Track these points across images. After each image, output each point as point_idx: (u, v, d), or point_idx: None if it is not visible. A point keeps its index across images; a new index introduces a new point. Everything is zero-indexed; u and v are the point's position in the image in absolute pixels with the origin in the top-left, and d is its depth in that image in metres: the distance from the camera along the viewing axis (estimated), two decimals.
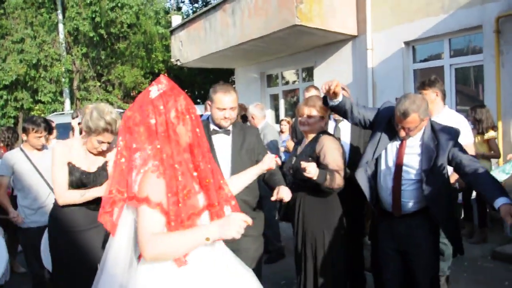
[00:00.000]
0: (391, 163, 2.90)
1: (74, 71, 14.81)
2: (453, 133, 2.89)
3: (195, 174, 1.77)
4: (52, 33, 14.32)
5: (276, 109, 10.65)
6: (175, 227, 1.66)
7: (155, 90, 1.75)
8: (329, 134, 3.17)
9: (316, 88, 4.65)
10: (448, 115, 3.75)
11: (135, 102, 1.78)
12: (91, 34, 13.91)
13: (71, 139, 3.15)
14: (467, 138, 3.73)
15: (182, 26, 10.46)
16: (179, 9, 17.27)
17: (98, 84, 15.06)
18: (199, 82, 16.63)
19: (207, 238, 1.66)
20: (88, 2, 13.53)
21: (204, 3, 17.06)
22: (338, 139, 3.29)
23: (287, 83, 10.52)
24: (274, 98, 10.69)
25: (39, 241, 3.22)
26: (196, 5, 17.82)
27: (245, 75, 11.14)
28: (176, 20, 11.23)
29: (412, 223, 2.85)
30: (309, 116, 3.11)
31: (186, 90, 17.03)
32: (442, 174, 2.83)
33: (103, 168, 2.93)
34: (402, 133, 2.79)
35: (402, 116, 2.72)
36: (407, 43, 7.00)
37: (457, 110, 6.52)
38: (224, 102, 2.88)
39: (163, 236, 1.64)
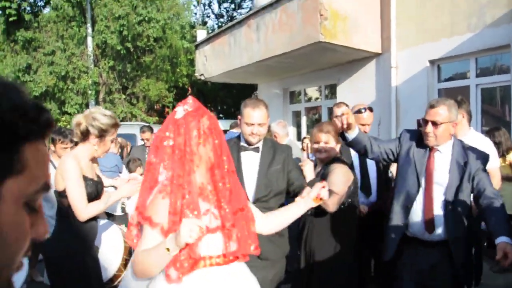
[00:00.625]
0: (422, 179, 2.83)
1: (101, 84, 15.13)
2: (483, 157, 2.83)
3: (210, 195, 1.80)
4: (81, 46, 14.71)
5: (298, 126, 10.63)
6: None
7: (181, 110, 1.80)
8: (343, 161, 3.15)
9: (346, 105, 4.62)
10: (474, 138, 3.66)
11: (164, 122, 1.84)
12: (119, 47, 14.23)
13: (74, 150, 3.01)
14: (493, 162, 3.64)
15: (207, 40, 10.60)
16: (204, 23, 17.53)
17: (123, 96, 15.34)
18: (221, 96, 16.79)
19: (167, 249, 1.66)
20: (117, 16, 13.87)
21: (229, 18, 17.28)
22: (351, 165, 3.30)
23: (309, 100, 10.51)
24: (297, 115, 10.68)
25: None
26: (221, 19, 18.08)
27: (267, 91, 11.17)
28: (201, 34, 11.39)
29: (437, 255, 2.78)
30: (326, 143, 3.10)
31: (209, 105, 17.25)
32: (467, 197, 2.78)
33: (98, 175, 2.94)
34: (428, 129, 2.72)
35: (430, 106, 2.70)
36: (432, 62, 6.92)
37: (483, 132, 6.39)
38: (252, 117, 2.78)
39: (142, 252, 1.72)
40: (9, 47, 15.04)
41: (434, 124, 2.71)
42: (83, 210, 2.66)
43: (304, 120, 10.37)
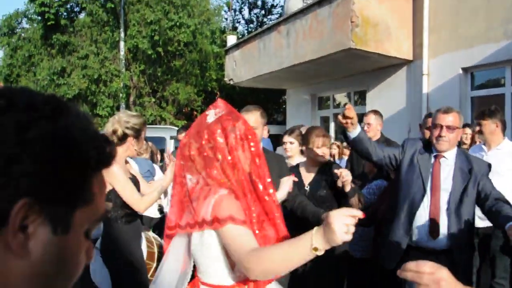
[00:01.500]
0: (427, 185, 2.83)
1: (131, 87, 15.43)
2: (487, 165, 2.87)
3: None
4: (113, 50, 15.06)
5: (327, 131, 10.57)
6: None
7: (212, 114, 1.69)
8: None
9: (376, 113, 4.62)
10: (509, 148, 3.60)
11: (192, 128, 1.72)
12: (149, 52, 14.49)
13: None
14: None
15: (236, 46, 10.69)
16: (235, 29, 17.67)
17: (153, 100, 15.59)
18: (250, 101, 16.84)
19: (314, 248, 1.35)
20: (149, 21, 14.14)
21: (259, 24, 17.37)
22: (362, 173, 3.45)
23: (338, 105, 10.46)
24: (325, 121, 10.64)
25: None
26: (251, 25, 18.19)
27: (296, 96, 11.18)
28: (231, 40, 11.50)
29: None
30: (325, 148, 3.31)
31: (237, 109, 17.24)
32: (471, 203, 2.79)
33: (132, 174, 3.06)
34: (443, 133, 2.75)
35: (444, 112, 2.76)
36: (465, 70, 6.80)
37: None
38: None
39: (266, 250, 1.48)
40: (46, 51, 15.53)
41: (449, 128, 2.75)
42: (140, 202, 2.81)
43: (332, 126, 10.33)
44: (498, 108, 3.76)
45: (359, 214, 1.35)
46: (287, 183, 2.57)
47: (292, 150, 4.42)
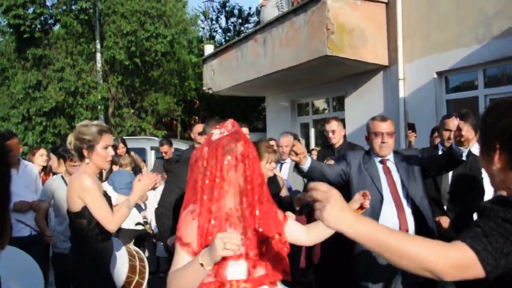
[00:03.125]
0: (382, 191, 2.99)
1: (110, 98, 15.29)
2: (416, 151, 3.26)
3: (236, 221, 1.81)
4: (90, 61, 14.90)
5: (307, 137, 10.65)
6: None
7: (217, 133, 1.80)
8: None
9: (337, 119, 4.81)
10: (478, 151, 3.69)
11: (202, 143, 1.88)
12: (127, 63, 14.39)
13: (81, 169, 2.85)
14: None
15: (214, 55, 10.70)
16: (212, 38, 17.68)
17: (132, 111, 15.47)
18: (230, 109, 16.86)
19: (200, 264, 1.62)
20: (125, 32, 14.05)
21: (237, 33, 17.42)
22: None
23: (317, 111, 10.54)
24: (305, 127, 10.70)
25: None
26: (229, 34, 18.22)
27: (275, 103, 11.23)
28: (208, 49, 11.50)
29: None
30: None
31: (216, 117, 17.24)
32: (424, 193, 3.07)
33: (104, 190, 2.94)
34: (382, 140, 3.03)
35: (381, 120, 3.10)
36: (439, 74, 6.93)
37: None
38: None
39: (175, 271, 1.72)
40: (20, 65, 15.27)
41: (388, 134, 3.07)
42: (111, 220, 2.69)
43: (312, 132, 10.39)
44: (469, 112, 3.91)
45: (237, 236, 1.64)
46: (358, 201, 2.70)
47: None
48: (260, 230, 1.77)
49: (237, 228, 1.78)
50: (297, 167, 3.01)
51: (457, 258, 1.16)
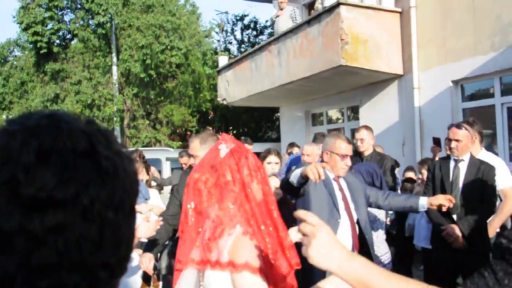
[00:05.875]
0: (339, 207, 3.04)
1: (125, 110, 15.49)
2: (359, 176, 3.40)
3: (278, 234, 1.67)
4: (106, 74, 15.15)
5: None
6: None
7: (224, 148, 1.70)
8: None
9: (367, 128, 4.69)
10: (485, 158, 3.67)
11: (203, 163, 1.72)
12: (142, 75, 14.59)
13: None
14: (506, 182, 3.63)
15: (228, 66, 10.80)
16: (227, 50, 17.87)
17: (147, 122, 15.64)
18: (244, 120, 16.95)
19: None
20: (140, 45, 14.28)
21: (251, 44, 17.57)
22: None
23: (331, 121, 10.55)
24: None
25: None
26: (243, 45, 18.39)
27: (290, 113, 11.27)
28: (223, 60, 11.61)
29: None
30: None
31: (231, 128, 17.42)
32: (366, 211, 3.20)
33: None
34: (346, 162, 3.11)
35: (348, 142, 3.14)
36: (455, 82, 6.91)
37: (510, 148, 6.33)
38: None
39: None
40: (39, 79, 15.60)
41: (350, 157, 3.19)
42: None
43: None
44: (475, 120, 3.93)
45: None
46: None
47: (274, 171, 4.54)
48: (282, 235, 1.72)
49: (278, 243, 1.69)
50: (288, 184, 2.97)
51: None
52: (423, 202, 3.04)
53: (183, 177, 3.34)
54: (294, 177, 2.81)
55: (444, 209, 2.93)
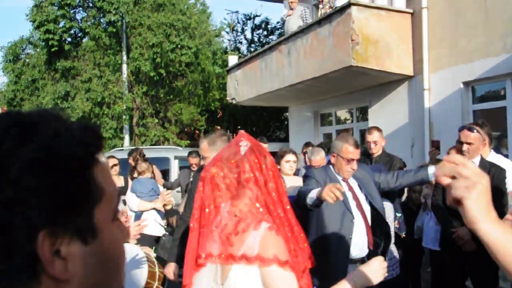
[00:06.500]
0: (352, 209, 3.07)
1: (134, 109, 15.58)
2: (373, 168, 3.43)
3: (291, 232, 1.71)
4: (116, 73, 15.24)
5: (329, 148, 10.61)
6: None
7: (244, 145, 1.71)
8: None
9: (378, 129, 4.67)
10: (495, 160, 3.66)
11: (221, 158, 1.72)
12: (152, 74, 14.66)
13: None
14: None
15: (238, 65, 10.82)
16: (237, 49, 17.89)
17: (156, 121, 15.71)
18: (253, 119, 16.97)
19: None
20: (150, 44, 14.35)
21: (261, 44, 17.58)
22: None
23: (340, 122, 10.52)
24: (328, 137, 10.69)
25: None
26: (253, 45, 18.40)
27: (298, 113, 11.26)
28: (232, 60, 11.63)
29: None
30: None
31: (239, 127, 17.44)
32: (382, 207, 3.23)
33: None
34: (352, 166, 3.11)
35: (356, 147, 3.12)
36: (466, 84, 6.86)
37: None
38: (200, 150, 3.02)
39: None
40: (50, 76, 15.74)
41: (357, 161, 3.21)
42: None
43: None
44: (484, 122, 3.89)
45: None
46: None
47: (293, 169, 4.56)
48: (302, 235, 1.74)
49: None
50: (304, 203, 2.96)
51: None
52: (431, 171, 3.11)
53: (196, 177, 3.36)
54: (310, 200, 2.81)
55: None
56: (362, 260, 3.04)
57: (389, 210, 3.83)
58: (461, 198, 0.95)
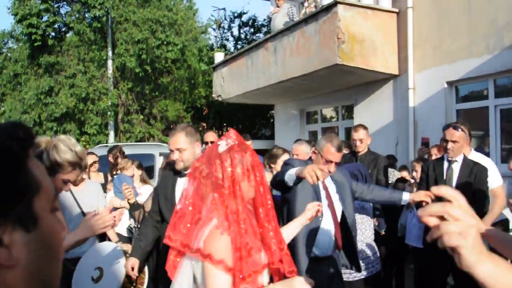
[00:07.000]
0: (326, 210, 3.03)
1: (119, 105, 15.43)
2: (345, 172, 3.35)
3: (259, 231, 1.77)
4: (101, 68, 15.07)
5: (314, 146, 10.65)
6: (238, 284, 1.64)
7: (223, 144, 1.78)
8: None
9: (364, 127, 4.69)
10: (475, 159, 3.73)
11: (204, 154, 1.82)
12: (137, 70, 14.54)
13: None
14: (495, 182, 3.68)
15: (224, 63, 10.79)
16: (223, 46, 17.82)
17: (141, 117, 15.59)
18: (239, 117, 16.94)
19: None
20: (136, 40, 14.22)
21: (247, 41, 17.55)
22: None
23: (326, 120, 10.57)
24: (313, 135, 10.73)
25: (72, 272, 3.25)
26: (239, 42, 18.36)
27: (284, 111, 11.28)
28: (219, 57, 11.59)
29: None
30: None
31: (225, 124, 17.41)
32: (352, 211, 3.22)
33: None
34: (329, 169, 3.07)
35: (338, 149, 3.09)
36: (450, 83, 6.95)
37: (502, 150, 6.39)
38: (170, 143, 2.80)
39: None
40: (33, 71, 15.48)
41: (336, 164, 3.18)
42: None
43: None
44: (464, 122, 3.96)
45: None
46: (312, 210, 2.46)
47: None
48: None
49: (258, 239, 1.77)
50: (282, 183, 2.92)
51: None
52: (406, 197, 3.22)
53: (164, 173, 3.27)
54: (289, 177, 2.78)
55: (424, 205, 2.97)
56: (328, 259, 3.07)
57: (368, 208, 3.87)
58: (456, 247, 0.89)
